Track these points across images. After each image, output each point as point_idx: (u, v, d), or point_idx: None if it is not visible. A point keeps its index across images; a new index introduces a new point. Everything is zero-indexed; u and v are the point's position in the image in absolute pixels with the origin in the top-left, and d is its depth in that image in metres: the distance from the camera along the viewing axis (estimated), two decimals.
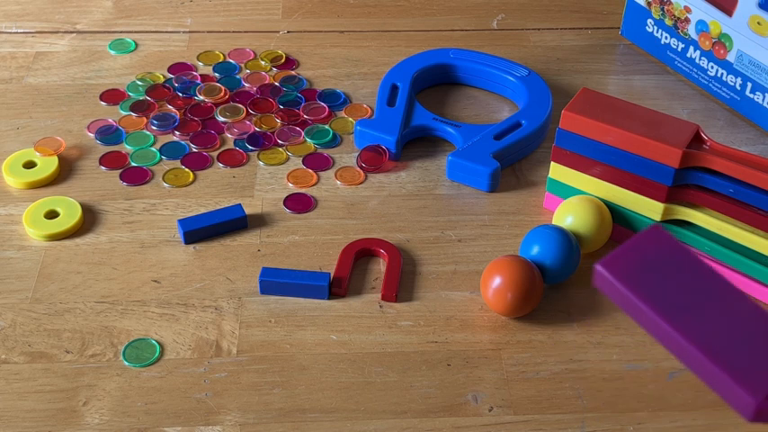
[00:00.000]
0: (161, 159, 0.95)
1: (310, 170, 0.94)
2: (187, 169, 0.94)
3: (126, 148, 0.96)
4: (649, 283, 0.44)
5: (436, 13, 1.17)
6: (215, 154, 0.96)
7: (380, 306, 0.81)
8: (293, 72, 1.07)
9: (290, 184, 0.92)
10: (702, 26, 1.00)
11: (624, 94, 1.04)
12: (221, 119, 1.00)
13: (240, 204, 0.88)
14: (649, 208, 0.83)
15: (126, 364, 0.76)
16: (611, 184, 0.84)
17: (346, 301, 0.81)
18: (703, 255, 0.83)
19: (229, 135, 0.98)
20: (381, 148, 0.94)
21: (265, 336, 0.78)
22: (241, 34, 1.13)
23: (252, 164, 0.95)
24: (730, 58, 0.99)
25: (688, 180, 0.80)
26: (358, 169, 0.94)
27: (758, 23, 0.94)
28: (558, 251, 0.79)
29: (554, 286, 0.82)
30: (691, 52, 1.03)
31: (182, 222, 0.86)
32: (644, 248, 0.47)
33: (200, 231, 0.86)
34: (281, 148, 0.96)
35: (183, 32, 1.13)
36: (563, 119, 0.83)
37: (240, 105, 1.01)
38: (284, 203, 0.90)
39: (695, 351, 0.42)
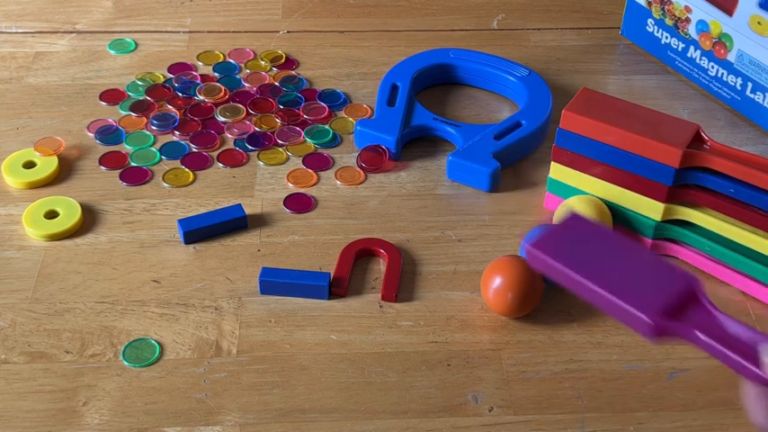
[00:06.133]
0: (161, 159, 0.95)
1: (310, 170, 0.94)
2: (187, 169, 0.94)
3: (126, 148, 0.96)
4: (570, 253, 0.57)
5: (436, 13, 1.17)
6: (215, 154, 0.96)
7: (380, 306, 0.81)
8: (293, 72, 1.07)
9: (290, 184, 0.92)
10: (703, 26, 1.00)
11: (624, 94, 1.04)
12: (221, 119, 1.00)
13: (240, 204, 0.88)
14: (649, 208, 0.83)
15: (126, 364, 0.76)
16: (611, 184, 0.84)
17: (346, 301, 0.81)
18: (703, 254, 0.83)
19: (229, 135, 0.98)
20: (381, 148, 0.94)
21: (265, 336, 0.78)
22: (241, 34, 1.13)
23: (252, 164, 0.95)
24: (731, 57, 0.99)
25: (688, 180, 0.80)
26: (358, 169, 0.94)
27: (758, 23, 0.94)
28: None
29: (554, 286, 0.82)
30: (691, 52, 1.03)
31: (182, 222, 0.86)
32: (565, 231, 0.58)
33: (200, 231, 0.86)
34: (281, 148, 0.96)
35: (183, 32, 1.13)
36: (563, 119, 0.83)
37: (240, 105, 1.01)
38: (284, 203, 0.90)
39: (606, 295, 0.54)
